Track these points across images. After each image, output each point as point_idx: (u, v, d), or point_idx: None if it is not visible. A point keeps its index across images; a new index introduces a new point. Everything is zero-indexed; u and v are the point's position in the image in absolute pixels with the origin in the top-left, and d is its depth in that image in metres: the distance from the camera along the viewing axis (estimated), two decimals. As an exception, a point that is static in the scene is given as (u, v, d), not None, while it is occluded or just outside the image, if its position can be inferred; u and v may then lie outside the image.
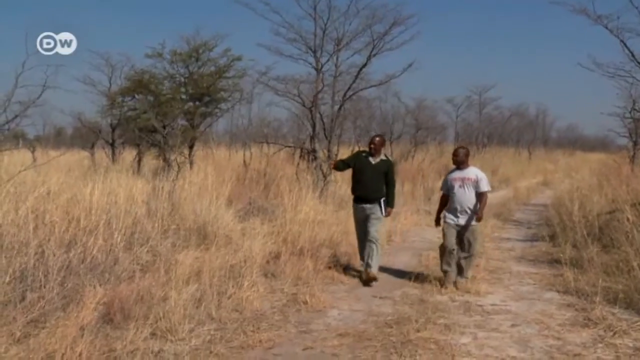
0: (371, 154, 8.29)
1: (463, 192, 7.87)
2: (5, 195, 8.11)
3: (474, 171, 8.01)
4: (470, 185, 7.86)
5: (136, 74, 17.41)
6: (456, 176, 8.01)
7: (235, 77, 17.45)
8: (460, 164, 8.02)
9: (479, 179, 7.87)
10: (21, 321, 5.22)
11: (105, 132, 20.03)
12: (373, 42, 15.84)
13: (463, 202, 7.86)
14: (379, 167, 8.26)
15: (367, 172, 8.26)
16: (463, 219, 7.89)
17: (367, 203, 8.25)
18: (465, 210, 7.86)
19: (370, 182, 8.25)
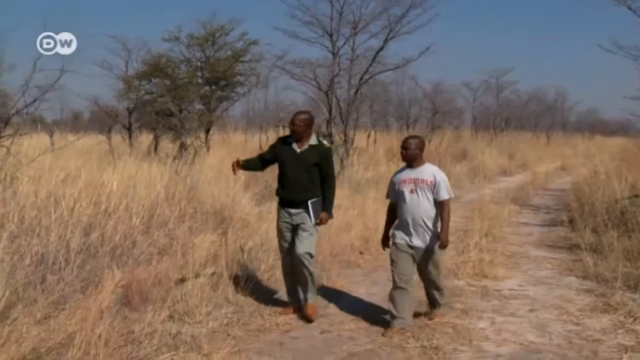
0: (295, 139, 5.99)
1: (416, 201, 5.59)
2: (26, 179, 8.18)
3: (431, 170, 5.67)
4: (425, 191, 5.57)
5: (153, 57, 17.40)
6: (406, 177, 5.71)
7: (251, 61, 17.40)
8: (411, 160, 5.70)
9: (438, 181, 5.56)
10: (42, 303, 5.26)
11: (122, 116, 20.04)
12: (390, 26, 15.76)
13: (416, 215, 5.58)
14: (306, 156, 5.91)
15: (289, 164, 5.97)
16: (418, 239, 5.62)
17: (293, 207, 5.96)
18: (420, 225, 5.59)
19: (295, 178, 5.93)
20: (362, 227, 9.63)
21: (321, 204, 5.97)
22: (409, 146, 5.68)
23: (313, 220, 5.88)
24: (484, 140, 32.37)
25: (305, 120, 5.97)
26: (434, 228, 5.60)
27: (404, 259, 5.66)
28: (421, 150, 5.74)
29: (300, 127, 5.91)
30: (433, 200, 5.59)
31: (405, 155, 5.73)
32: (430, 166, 5.77)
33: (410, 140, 5.74)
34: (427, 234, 5.60)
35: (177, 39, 16.71)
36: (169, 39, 16.72)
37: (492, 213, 11.83)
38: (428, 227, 5.59)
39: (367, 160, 17.87)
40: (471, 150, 25.86)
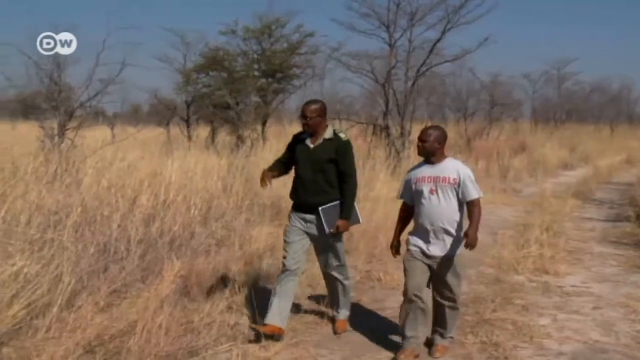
0: (308, 134, 5.18)
1: (436, 202, 4.71)
2: (88, 171, 8.39)
3: (454, 166, 4.77)
4: (448, 191, 4.70)
5: (210, 51, 17.64)
6: (424, 174, 4.80)
7: (307, 53, 17.48)
8: (430, 155, 4.79)
9: (462, 179, 4.67)
10: (104, 291, 5.37)
11: (180, 108, 20.38)
12: (448, 16, 15.48)
13: (436, 219, 4.71)
14: (319, 152, 5.08)
15: (302, 162, 5.17)
16: (437, 247, 4.74)
17: (308, 212, 5.13)
18: (441, 231, 4.71)
19: (308, 179, 5.10)
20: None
21: (338, 209, 5.08)
22: (427, 138, 4.74)
23: (326, 229, 5.03)
24: (544, 133, 31.61)
25: (317, 110, 5.08)
26: (456, 234, 4.70)
27: (418, 269, 4.78)
28: (442, 143, 4.79)
29: (312, 118, 5.04)
30: (457, 202, 4.70)
31: (422, 149, 4.79)
32: (453, 162, 4.84)
33: (429, 131, 4.78)
34: (448, 241, 4.71)
35: (234, 32, 16.92)
36: (226, 32, 16.95)
37: (553, 207, 11.56)
38: (450, 234, 4.70)
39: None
40: (530, 143, 25.31)
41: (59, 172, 8.22)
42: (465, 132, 24.86)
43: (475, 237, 4.60)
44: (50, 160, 8.67)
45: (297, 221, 5.18)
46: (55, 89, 11.34)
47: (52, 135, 10.88)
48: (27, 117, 13.93)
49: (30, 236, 5.79)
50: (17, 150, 10.62)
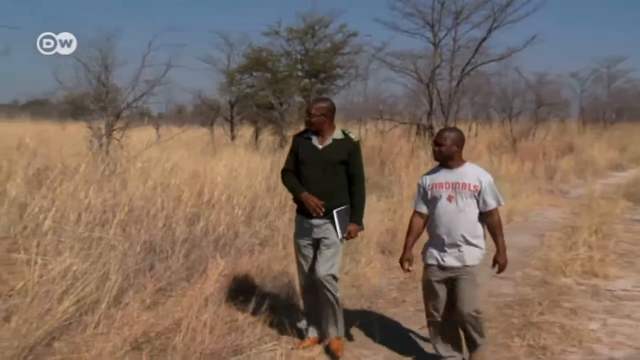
0: (314, 132, 4.83)
1: (455, 211, 4.34)
2: (134, 170, 8.52)
3: (474, 172, 4.43)
4: (467, 198, 4.34)
5: (254, 51, 17.76)
6: (442, 180, 4.44)
7: (351, 53, 17.45)
8: (447, 159, 4.43)
9: (483, 186, 4.34)
10: (150, 289, 5.44)
11: (224, 109, 20.54)
12: (494, 15, 15.32)
13: (454, 229, 4.34)
14: (330, 153, 4.75)
15: (309, 163, 4.80)
16: (452, 258, 4.37)
17: (317, 217, 4.74)
18: (459, 242, 4.35)
19: (317, 181, 4.74)
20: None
21: (349, 214, 4.77)
22: (444, 142, 4.37)
23: (339, 234, 4.70)
24: (593, 133, 30.93)
25: (324, 108, 4.78)
26: (475, 244, 4.36)
27: (437, 286, 4.45)
28: (460, 146, 4.41)
29: (317, 116, 4.73)
30: (477, 210, 4.36)
31: (439, 153, 4.41)
32: (473, 167, 4.47)
33: (446, 134, 4.43)
34: (466, 251, 4.34)
35: (277, 33, 17.00)
36: (270, 33, 17.03)
37: (602, 209, 11.30)
38: (469, 244, 4.34)
39: (468, 154, 17.46)
40: (578, 143, 24.80)
41: (106, 172, 8.37)
42: (511, 132, 24.45)
43: (504, 261, 4.45)
44: (97, 160, 8.84)
45: (304, 228, 4.85)
46: (103, 91, 11.53)
47: (100, 135, 11.08)
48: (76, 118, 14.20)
49: (79, 234, 5.92)
50: (66, 150, 10.87)
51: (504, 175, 14.27)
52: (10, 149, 10.81)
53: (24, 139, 12.38)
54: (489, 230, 4.44)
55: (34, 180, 7.76)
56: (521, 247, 8.84)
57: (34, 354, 4.13)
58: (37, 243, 5.43)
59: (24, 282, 4.78)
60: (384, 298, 6.25)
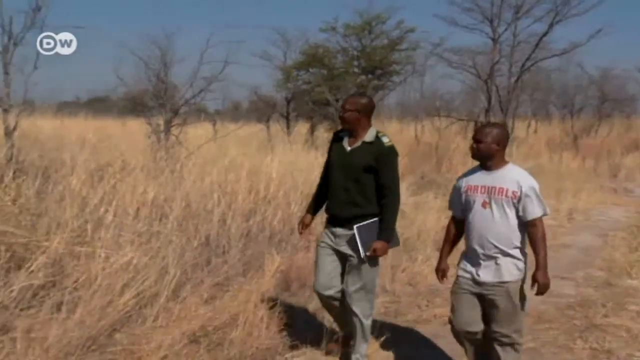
0: (349, 132, 4.39)
1: (489, 218, 3.86)
2: (192, 166, 8.63)
3: (515, 175, 3.87)
4: (504, 205, 3.82)
5: (310, 48, 17.79)
6: (477, 182, 3.96)
7: (408, 50, 17.30)
8: (486, 159, 3.92)
9: (524, 191, 3.78)
10: (208, 284, 5.50)
11: (280, 105, 20.64)
12: (556, 8, 14.87)
13: (488, 238, 3.86)
14: (357, 157, 4.25)
15: (336, 166, 4.38)
16: (488, 272, 3.89)
17: (338, 225, 4.36)
18: (494, 254, 3.86)
19: (340, 187, 4.31)
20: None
21: (376, 229, 4.24)
22: (484, 138, 3.85)
23: (362, 252, 4.19)
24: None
25: (358, 103, 4.26)
26: (514, 257, 3.86)
27: (467, 302, 3.97)
28: (502, 145, 3.87)
29: (350, 111, 4.23)
30: (516, 219, 3.82)
31: (477, 151, 3.90)
32: (514, 169, 3.90)
33: (487, 130, 3.92)
34: (504, 265, 3.83)
35: (334, 29, 16.98)
36: (326, 29, 17.03)
37: (671, 208, 10.92)
38: (507, 256, 3.84)
39: (526, 151, 17.23)
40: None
41: (164, 168, 8.51)
42: (572, 129, 23.88)
43: (546, 281, 3.79)
44: (156, 155, 8.99)
45: (326, 236, 4.43)
46: (162, 88, 11.71)
47: (158, 131, 11.26)
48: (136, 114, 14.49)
49: (138, 228, 6.03)
50: (126, 146, 11.10)
51: (564, 173, 13.95)
52: (73, 145, 11.10)
53: (86, 135, 12.71)
54: (530, 243, 3.85)
55: (95, 175, 7.93)
56: (582, 246, 8.62)
57: (97, 345, 4.22)
58: (99, 237, 5.56)
59: (87, 274, 4.89)
60: (441, 296, 6.17)
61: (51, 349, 3.87)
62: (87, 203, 6.62)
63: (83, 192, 6.94)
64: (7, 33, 8.29)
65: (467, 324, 4.00)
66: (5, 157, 7.82)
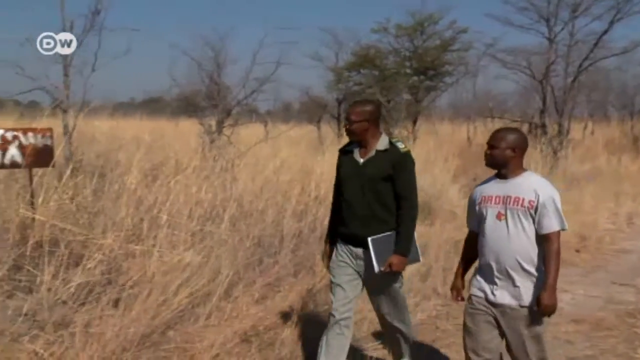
0: (358, 144, 4.03)
1: (504, 232, 3.43)
2: (244, 166, 8.71)
3: (532, 184, 3.43)
4: (520, 216, 3.39)
5: (362, 49, 17.80)
6: (492, 192, 3.54)
7: (460, 50, 17.20)
8: (501, 166, 3.51)
9: (541, 201, 3.36)
10: (259, 284, 5.53)
11: (331, 106, 20.69)
12: (617, 6, 14.50)
13: (504, 254, 3.42)
14: (373, 167, 3.90)
15: (348, 180, 4.02)
16: (504, 293, 3.44)
17: (357, 245, 3.97)
18: (510, 271, 3.41)
19: (355, 202, 3.95)
20: (579, 224, 9.00)
21: (392, 242, 3.87)
22: (497, 144, 3.45)
23: (376, 267, 3.82)
24: None
25: (365, 112, 3.90)
26: (533, 277, 3.38)
27: (481, 324, 3.53)
28: (518, 151, 3.46)
29: (358, 122, 3.89)
30: (534, 232, 3.37)
31: (490, 158, 3.50)
32: (532, 177, 3.48)
33: (501, 134, 3.50)
34: (522, 285, 3.38)
35: (386, 30, 16.98)
36: (378, 30, 17.04)
37: None
38: (525, 274, 3.38)
39: (583, 153, 16.83)
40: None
41: (216, 168, 8.60)
42: (631, 130, 23.22)
43: (552, 302, 3.29)
44: (209, 156, 9.10)
45: (345, 255, 4.03)
46: (215, 88, 11.86)
47: (211, 132, 11.40)
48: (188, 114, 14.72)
49: (192, 228, 6.10)
50: (179, 146, 11.27)
51: (623, 176, 13.57)
52: (128, 145, 11.32)
53: (141, 135, 12.95)
54: (545, 256, 3.36)
55: (150, 175, 8.07)
56: (642, 252, 8.38)
57: (151, 341, 4.29)
58: (154, 235, 5.65)
59: (142, 272, 4.98)
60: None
61: (108, 344, 3.95)
62: (142, 202, 6.74)
63: (138, 191, 7.07)
64: (68, 36, 8.51)
65: (484, 349, 3.54)
66: (64, 156, 8.02)
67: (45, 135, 5.74)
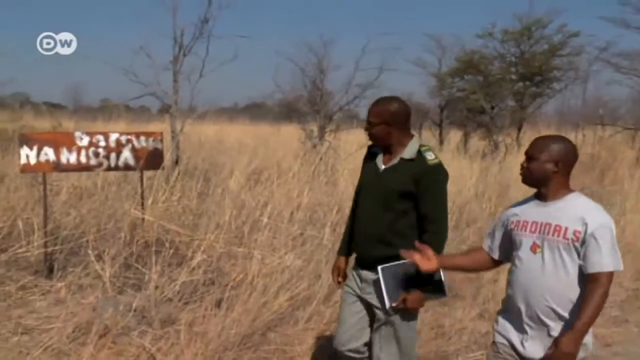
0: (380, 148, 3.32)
1: (539, 267, 2.71)
2: (344, 172, 8.74)
3: (581, 210, 2.67)
4: (562, 250, 2.65)
5: (466, 54, 17.50)
6: (529, 217, 2.80)
7: (570, 55, 16.53)
8: (540, 184, 2.78)
9: (590, 232, 2.59)
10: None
11: (432, 112, 20.48)
12: None
13: (536, 294, 2.71)
14: (392, 178, 3.19)
15: (366, 189, 3.36)
16: (537, 343, 2.74)
17: (365, 267, 3.29)
18: (543, 315, 2.70)
19: (368, 217, 3.28)
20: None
21: (409, 273, 3.09)
22: (536, 154, 2.74)
23: (387, 302, 3.10)
24: None
25: (387, 113, 3.18)
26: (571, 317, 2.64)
27: None
28: (561, 165, 2.71)
29: (377, 125, 3.19)
30: (578, 270, 2.63)
31: (526, 172, 2.79)
32: (580, 201, 2.71)
33: (540, 143, 2.78)
34: (555, 334, 2.67)
35: (491, 35, 16.63)
36: (483, 35, 16.72)
37: None
38: (563, 321, 2.66)
39: None
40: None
41: (317, 173, 8.68)
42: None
43: (570, 351, 2.57)
44: (310, 161, 9.19)
45: (352, 280, 3.40)
46: (318, 94, 12.01)
47: (312, 137, 11.54)
48: (290, 120, 14.96)
49: (292, 232, 6.17)
50: (281, 151, 11.46)
51: None
52: (232, 149, 11.63)
53: (244, 140, 13.28)
54: (586, 298, 2.59)
55: (252, 179, 8.24)
56: None
57: (252, 342, 4.36)
58: (255, 238, 5.76)
59: (243, 274, 5.08)
60: (603, 316, 5.78)
61: (211, 343, 4.05)
62: (244, 205, 6.89)
63: (241, 194, 7.23)
64: (178, 44, 8.87)
65: None
66: (171, 159, 8.33)
67: (156, 139, 5.96)
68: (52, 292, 4.97)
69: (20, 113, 17.19)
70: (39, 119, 17.87)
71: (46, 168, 5.56)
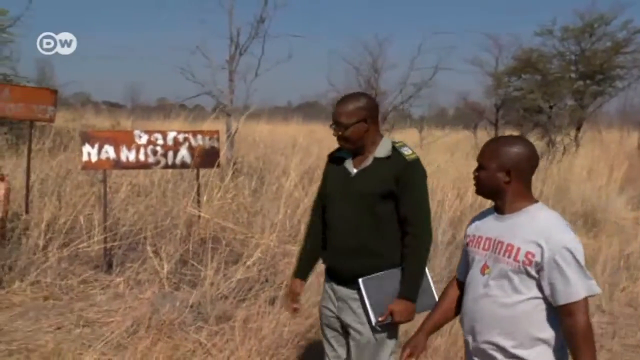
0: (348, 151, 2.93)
1: (483, 294, 2.28)
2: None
3: (541, 224, 2.18)
4: (511, 276, 2.19)
5: (524, 53, 17.19)
6: (482, 233, 2.36)
7: (635, 52, 16.01)
8: (494, 195, 2.33)
9: (551, 254, 2.11)
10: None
11: (488, 112, 20.20)
12: None
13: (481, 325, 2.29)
14: (368, 181, 2.81)
15: (336, 197, 2.91)
16: None
17: (342, 283, 2.88)
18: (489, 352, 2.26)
19: (343, 227, 2.85)
20: None
21: (394, 282, 2.80)
22: (486, 162, 2.31)
23: (372, 319, 2.76)
24: None
25: (358, 111, 2.82)
26: None
27: None
28: (514, 174, 2.26)
29: (351, 126, 2.81)
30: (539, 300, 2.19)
31: (477, 182, 2.37)
32: (540, 214, 2.24)
33: (491, 148, 2.34)
34: None
35: (551, 33, 16.31)
36: (542, 32, 16.40)
37: None
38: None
39: None
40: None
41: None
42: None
43: None
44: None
45: (327, 298, 2.99)
46: (372, 93, 11.99)
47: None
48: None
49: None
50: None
51: None
52: (286, 148, 11.69)
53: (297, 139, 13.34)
54: (567, 339, 2.16)
55: (306, 177, 8.26)
56: None
57: (305, 340, 4.38)
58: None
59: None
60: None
61: (265, 340, 4.08)
62: (298, 204, 6.92)
63: (295, 193, 7.26)
64: (234, 43, 8.98)
65: None
66: (226, 157, 8.42)
67: (212, 138, 6.04)
68: (112, 286, 5.10)
69: (82, 112, 17.67)
70: (99, 117, 18.36)
71: (107, 165, 5.70)
